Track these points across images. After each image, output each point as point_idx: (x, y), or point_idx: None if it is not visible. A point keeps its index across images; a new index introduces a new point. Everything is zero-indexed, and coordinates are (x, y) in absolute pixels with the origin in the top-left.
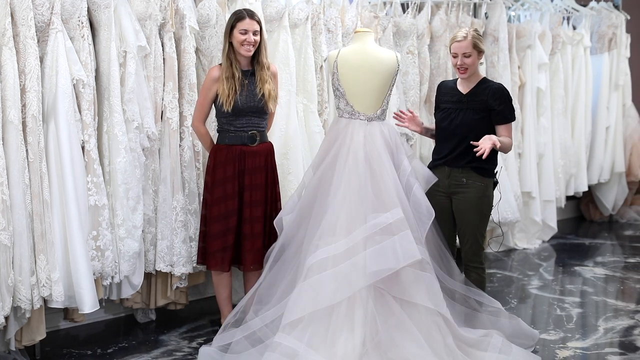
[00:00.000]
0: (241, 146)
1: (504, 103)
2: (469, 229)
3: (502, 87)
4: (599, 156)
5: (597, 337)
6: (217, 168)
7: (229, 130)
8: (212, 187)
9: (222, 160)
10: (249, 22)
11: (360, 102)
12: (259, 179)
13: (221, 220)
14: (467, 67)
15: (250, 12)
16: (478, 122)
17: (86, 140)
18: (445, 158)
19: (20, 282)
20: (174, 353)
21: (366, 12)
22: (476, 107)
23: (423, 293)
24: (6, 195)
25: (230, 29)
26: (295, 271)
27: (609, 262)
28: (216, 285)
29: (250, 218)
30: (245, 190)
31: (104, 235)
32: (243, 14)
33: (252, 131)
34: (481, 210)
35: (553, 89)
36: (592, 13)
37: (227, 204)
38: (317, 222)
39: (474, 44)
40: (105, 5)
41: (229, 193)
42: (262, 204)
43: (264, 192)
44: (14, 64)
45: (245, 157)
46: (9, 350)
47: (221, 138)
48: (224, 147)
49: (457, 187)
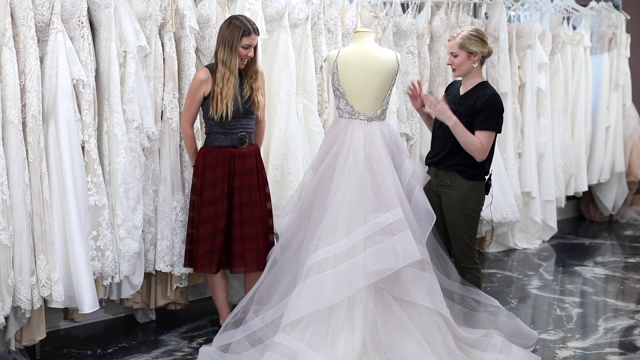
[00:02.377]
0: (231, 148)
1: (486, 109)
2: (454, 230)
3: (494, 95)
4: (599, 156)
5: (597, 337)
6: (207, 170)
7: (218, 132)
8: (201, 189)
9: (212, 162)
10: (253, 38)
11: (360, 102)
12: (249, 180)
13: (210, 222)
14: (455, 66)
15: (255, 27)
16: (465, 127)
17: (86, 140)
18: (433, 158)
19: (20, 282)
20: (174, 353)
21: (366, 12)
22: (464, 110)
23: (423, 293)
24: (6, 195)
25: (236, 41)
26: (295, 271)
27: (609, 262)
28: (211, 287)
29: (240, 220)
30: (235, 192)
31: (104, 235)
32: (249, 30)
33: (242, 133)
34: (463, 212)
35: (553, 88)
36: (592, 13)
37: (217, 206)
38: (317, 222)
39: (460, 44)
40: (105, 5)
41: (218, 195)
42: (256, 205)
43: (257, 193)
44: (14, 64)
45: (235, 159)
46: (9, 350)
47: (210, 140)
48: (213, 149)
49: (443, 187)
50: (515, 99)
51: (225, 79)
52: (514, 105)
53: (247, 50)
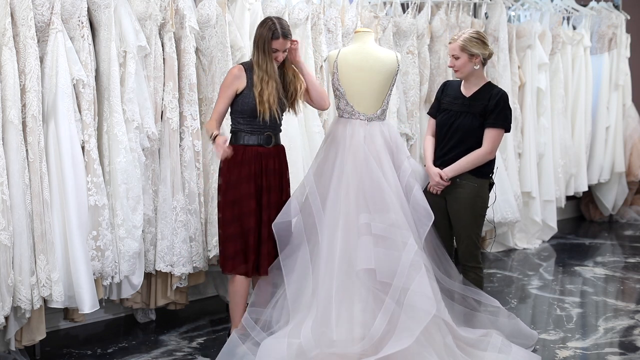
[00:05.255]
0: (257, 147)
1: (499, 107)
2: (463, 230)
3: (505, 94)
4: (599, 156)
5: (597, 337)
6: (232, 169)
7: (245, 131)
8: (225, 189)
9: (238, 161)
10: (282, 43)
11: (360, 102)
12: (275, 181)
13: (235, 223)
14: (457, 68)
15: (285, 32)
16: (478, 129)
17: (86, 140)
18: (442, 158)
19: (20, 282)
20: (174, 353)
21: (366, 12)
22: (477, 111)
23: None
24: (6, 195)
25: (267, 44)
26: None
27: (609, 262)
28: (230, 291)
29: (268, 221)
30: (263, 192)
31: (104, 235)
32: (278, 33)
33: (268, 132)
34: (474, 210)
35: (553, 88)
36: (592, 13)
37: (242, 206)
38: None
39: (461, 47)
40: (105, 5)
41: (244, 194)
42: (279, 206)
43: (280, 194)
44: (14, 64)
45: (262, 158)
46: (9, 350)
47: (236, 138)
48: (239, 147)
49: (451, 187)
50: (515, 99)
51: (264, 83)
52: (514, 105)
53: (276, 54)
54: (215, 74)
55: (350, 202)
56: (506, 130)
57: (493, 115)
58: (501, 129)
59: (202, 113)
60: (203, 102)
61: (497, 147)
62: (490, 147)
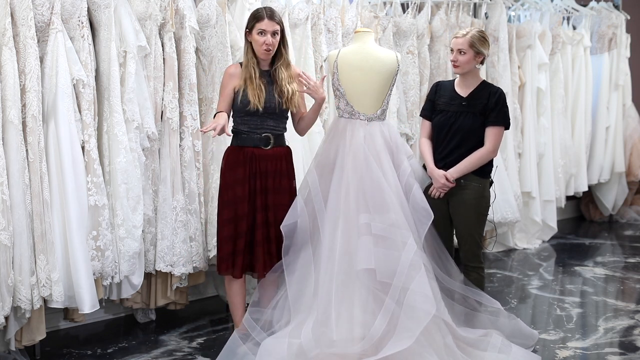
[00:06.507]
0: (253, 148)
1: (499, 105)
2: (467, 230)
3: (502, 91)
4: (599, 156)
5: (597, 337)
6: (228, 170)
7: (242, 132)
8: (222, 190)
9: (233, 163)
10: (267, 23)
11: (360, 102)
12: (273, 183)
13: (230, 224)
14: (459, 64)
15: (270, 12)
16: (478, 128)
17: (86, 140)
18: (444, 160)
19: (20, 282)
20: (174, 353)
21: (366, 12)
22: (477, 111)
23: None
24: (6, 195)
25: (249, 30)
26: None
27: (609, 262)
28: (227, 291)
29: (261, 223)
30: (257, 194)
31: (104, 235)
32: (262, 14)
33: (266, 134)
34: (478, 211)
35: (553, 88)
36: (592, 13)
37: (237, 208)
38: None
39: (470, 43)
40: (105, 5)
41: (239, 196)
42: (279, 208)
43: (278, 196)
44: (14, 64)
45: (257, 160)
46: (9, 350)
47: (234, 139)
48: (236, 149)
49: (454, 188)
50: (515, 99)
51: (250, 67)
52: (514, 105)
53: (263, 37)
54: (215, 74)
55: (350, 202)
56: (506, 128)
57: (494, 113)
58: (502, 127)
59: (202, 113)
60: (203, 102)
61: (499, 145)
62: (492, 146)
